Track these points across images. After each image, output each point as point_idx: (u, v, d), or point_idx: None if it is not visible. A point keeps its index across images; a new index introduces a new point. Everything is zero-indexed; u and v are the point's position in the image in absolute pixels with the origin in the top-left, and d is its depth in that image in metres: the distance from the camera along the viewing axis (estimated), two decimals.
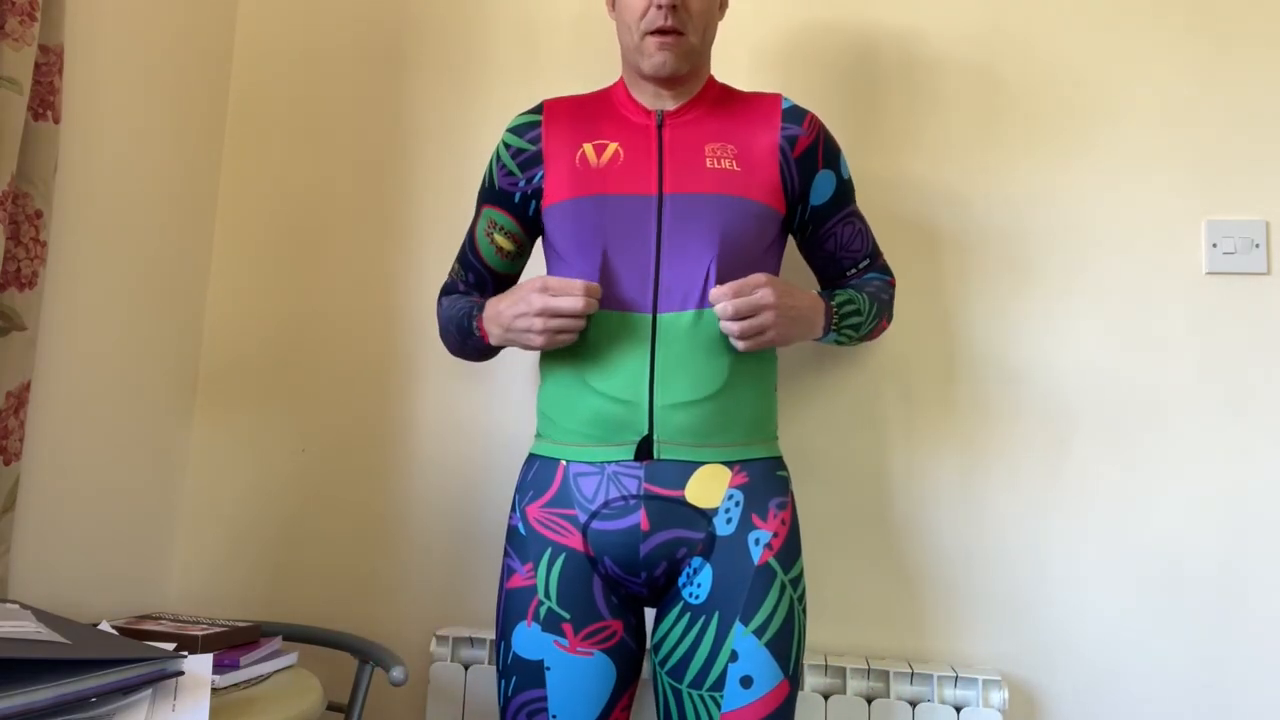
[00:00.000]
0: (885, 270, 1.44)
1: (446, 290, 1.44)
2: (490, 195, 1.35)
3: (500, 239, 1.35)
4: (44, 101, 1.37)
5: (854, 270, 1.40)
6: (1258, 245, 1.52)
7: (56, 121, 1.38)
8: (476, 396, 1.70)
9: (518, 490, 1.28)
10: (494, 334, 1.26)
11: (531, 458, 1.29)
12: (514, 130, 1.33)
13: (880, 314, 1.38)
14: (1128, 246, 1.56)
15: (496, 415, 1.69)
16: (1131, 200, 1.57)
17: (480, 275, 1.40)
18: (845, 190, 1.34)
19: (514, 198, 1.32)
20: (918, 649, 1.53)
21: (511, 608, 1.23)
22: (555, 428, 1.25)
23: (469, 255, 1.40)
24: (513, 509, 1.28)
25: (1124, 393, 1.54)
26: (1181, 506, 1.50)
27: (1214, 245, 1.53)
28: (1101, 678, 1.49)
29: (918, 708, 1.41)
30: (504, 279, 1.41)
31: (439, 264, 1.75)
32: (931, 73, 1.65)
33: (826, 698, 1.43)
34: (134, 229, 1.63)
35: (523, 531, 1.25)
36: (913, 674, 1.42)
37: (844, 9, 1.68)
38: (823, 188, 1.31)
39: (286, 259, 1.82)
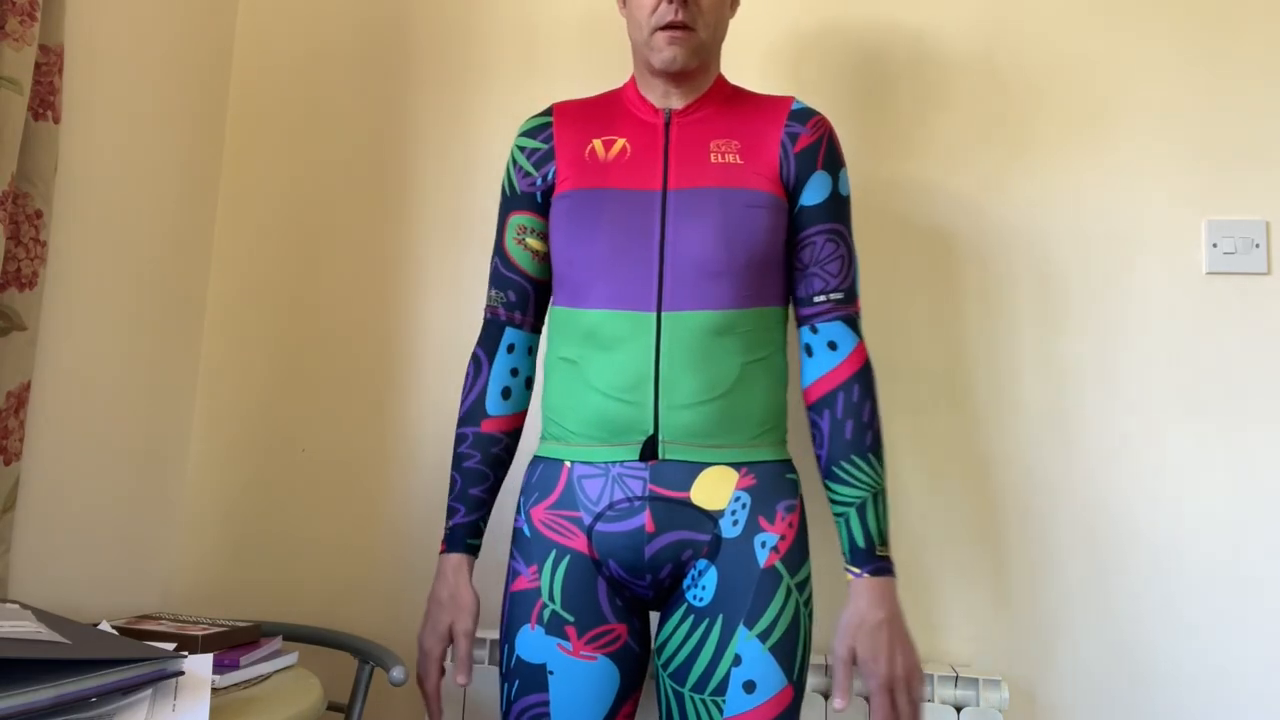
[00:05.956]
0: (853, 325, 1.24)
1: (482, 336, 1.34)
2: (513, 202, 1.33)
3: (533, 242, 1.32)
4: (44, 101, 1.37)
5: (823, 299, 1.23)
6: (1258, 245, 1.52)
7: (56, 121, 1.38)
8: None
9: (523, 492, 1.28)
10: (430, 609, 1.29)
11: (536, 460, 1.28)
12: (526, 133, 1.33)
13: (880, 439, 1.23)
14: (1128, 246, 1.56)
15: None
16: (1131, 200, 1.57)
17: (521, 288, 1.32)
18: (838, 204, 1.26)
19: (535, 197, 1.31)
20: (918, 649, 1.53)
21: (516, 610, 1.22)
22: (559, 429, 1.25)
23: (504, 272, 1.33)
24: (518, 511, 1.27)
25: (1124, 393, 1.54)
26: (1182, 506, 1.50)
27: (1214, 245, 1.53)
28: (1101, 678, 1.49)
29: None
30: (545, 286, 1.34)
31: (439, 264, 1.75)
32: (938, 74, 1.65)
33: (826, 698, 1.43)
34: (134, 229, 1.63)
35: (527, 534, 1.24)
36: None
37: (855, 10, 1.68)
38: (816, 189, 1.25)
39: (286, 259, 1.82)
